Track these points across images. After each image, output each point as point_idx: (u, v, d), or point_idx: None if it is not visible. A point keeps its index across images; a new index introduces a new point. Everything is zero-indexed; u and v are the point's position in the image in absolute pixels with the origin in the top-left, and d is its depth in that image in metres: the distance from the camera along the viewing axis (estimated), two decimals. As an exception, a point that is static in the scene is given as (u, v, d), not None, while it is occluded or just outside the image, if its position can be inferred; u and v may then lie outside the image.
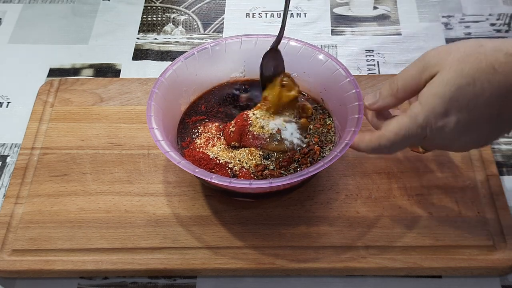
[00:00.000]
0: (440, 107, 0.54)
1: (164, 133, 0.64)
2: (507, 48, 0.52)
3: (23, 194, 0.70)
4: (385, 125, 0.58)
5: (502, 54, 0.52)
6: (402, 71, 0.58)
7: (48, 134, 0.76)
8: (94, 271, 0.64)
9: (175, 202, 0.69)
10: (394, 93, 0.58)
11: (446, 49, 0.55)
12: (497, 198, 0.68)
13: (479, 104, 0.53)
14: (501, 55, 0.52)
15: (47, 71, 0.87)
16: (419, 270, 0.64)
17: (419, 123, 0.55)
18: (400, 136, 0.56)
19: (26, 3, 0.98)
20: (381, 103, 0.60)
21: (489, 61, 0.52)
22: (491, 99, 0.53)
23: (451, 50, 0.54)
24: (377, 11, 0.95)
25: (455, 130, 0.55)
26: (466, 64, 0.53)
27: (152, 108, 0.65)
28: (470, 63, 0.52)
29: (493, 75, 0.52)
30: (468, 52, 0.53)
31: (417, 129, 0.55)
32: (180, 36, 0.92)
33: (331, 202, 0.68)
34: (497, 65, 0.52)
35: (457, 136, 0.56)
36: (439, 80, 0.54)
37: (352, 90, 0.65)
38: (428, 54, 0.56)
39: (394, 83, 0.58)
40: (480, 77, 0.52)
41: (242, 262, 0.64)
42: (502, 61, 0.52)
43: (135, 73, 0.86)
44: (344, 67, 0.68)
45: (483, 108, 0.53)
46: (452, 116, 0.54)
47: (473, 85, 0.52)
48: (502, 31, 0.90)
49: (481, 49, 0.53)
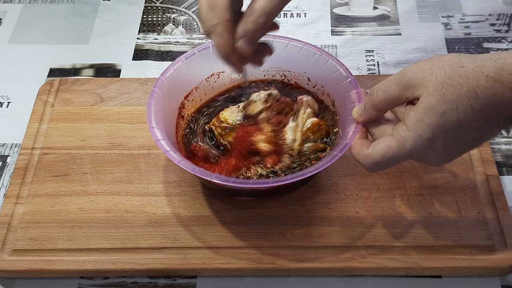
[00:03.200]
0: (428, 133, 0.54)
1: (164, 133, 0.64)
2: (487, 70, 0.52)
3: (23, 194, 0.70)
4: (373, 145, 0.58)
5: (483, 77, 0.52)
6: (381, 83, 0.58)
7: (49, 134, 0.76)
8: (95, 271, 0.64)
9: (175, 202, 0.69)
10: (374, 106, 0.59)
11: (428, 68, 0.54)
12: (497, 198, 0.68)
13: (462, 130, 0.53)
14: (482, 78, 0.52)
15: (47, 71, 0.88)
16: (419, 270, 0.64)
17: (407, 148, 0.55)
18: (386, 158, 0.56)
19: (26, 3, 0.98)
20: (365, 116, 0.60)
21: (470, 85, 0.52)
22: (474, 124, 0.53)
23: (432, 69, 0.54)
24: (377, 11, 0.95)
25: (442, 154, 0.56)
26: (447, 89, 0.53)
27: (153, 108, 0.65)
28: (451, 87, 0.52)
29: (475, 99, 0.52)
30: (449, 74, 0.53)
31: (405, 153, 0.56)
32: (180, 36, 0.92)
33: (331, 202, 0.68)
34: (478, 89, 0.52)
35: (443, 157, 0.57)
36: (425, 106, 0.54)
37: (353, 90, 0.65)
38: (410, 70, 0.55)
39: (374, 95, 0.58)
40: (462, 102, 0.52)
41: (243, 262, 0.64)
42: (483, 84, 0.52)
43: (135, 73, 0.86)
44: (345, 67, 0.68)
45: (467, 134, 0.54)
46: (439, 142, 0.54)
47: (456, 111, 0.52)
48: (502, 31, 0.90)
49: (461, 71, 0.53)
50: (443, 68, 0.54)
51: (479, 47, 0.88)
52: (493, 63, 0.52)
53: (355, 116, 0.62)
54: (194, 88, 0.72)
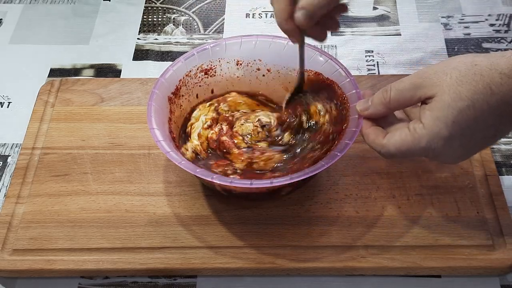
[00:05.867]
0: (444, 131, 0.54)
1: (166, 133, 0.64)
2: (501, 67, 0.52)
3: (24, 194, 0.71)
4: (389, 135, 0.58)
5: (497, 74, 0.52)
6: (396, 82, 0.58)
7: (49, 134, 0.76)
8: (95, 270, 0.65)
9: (175, 202, 0.69)
10: (386, 103, 0.59)
11: (442, 69, 0.55)
12: (496, 198, 0.68)
13: (479, 128, 0.54)
14: (496, 74, 0.52)
15: (47, 71, 0.88)
16: (419, 270, 0.64)
17: (422, 146, 0.56)
18: (401, 152, 0.57)
19: (27, 4, 0.98)
20: (372, 110, 0.60)
21: (485, 82, 0.53)
22: (489, 121, 0.54)
23: (447, 70, 0.55)
24: (376, 11, 0.95)
25: (459, 151, 0.56)
26: (463, 87, 0.53)
27: (153, 109, 0.65)
28: (467, 84, 0.53)
29: (491, 96, 0.52)
30: (464, 73, 0.53)
31: (419, 150, 0.56)
32: (180, 37, 0.92)
33: (331, 202, 0.69)
34: (493, 86, 0.52)
35: (459, 155, 0.57)
36: (441, 104, 0.54)
37: (352, 90, 0.65)
38: (425, 72, 0.56)
39: (387, 93, 0.58)
40: (478, 99, 0.53)
41: (242, 261, 0.64)
42: (498, 81, 0.52)
43: (135, 73, 0.87)
44: (344, 67, 0.68)
45: (483, 131, 0.55)
46: (456, 140, 0.55)
47: (473, 107, 0.53)
48: (501, 31, 0.90)
49: (476, 69, 0.53)
50: (457, 68, 0.54)
51: (478, 47, 0.88)
52: (506, 60, 0.53)
53: (359, 109, 0.61)
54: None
